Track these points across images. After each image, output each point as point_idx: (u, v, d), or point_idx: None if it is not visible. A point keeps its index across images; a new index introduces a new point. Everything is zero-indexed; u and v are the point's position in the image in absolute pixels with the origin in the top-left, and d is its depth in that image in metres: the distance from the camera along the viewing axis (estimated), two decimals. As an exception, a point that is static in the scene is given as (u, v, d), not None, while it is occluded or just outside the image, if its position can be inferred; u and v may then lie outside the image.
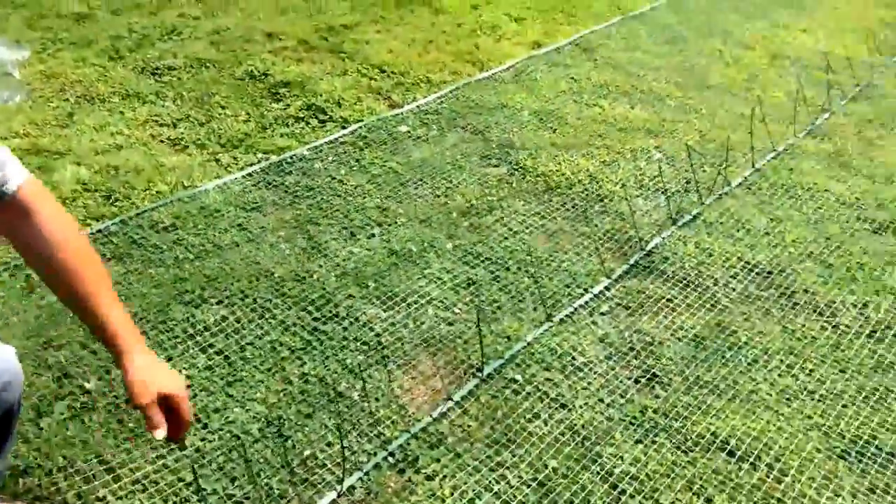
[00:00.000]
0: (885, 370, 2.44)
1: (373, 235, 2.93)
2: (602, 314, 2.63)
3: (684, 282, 2.80)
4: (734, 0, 5.83)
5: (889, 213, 3.27)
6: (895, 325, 2.64)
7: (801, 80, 4.43)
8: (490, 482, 2.00)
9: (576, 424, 2.19)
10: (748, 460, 2.09)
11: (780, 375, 2.40)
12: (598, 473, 2.04)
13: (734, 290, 2.77)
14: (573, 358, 2.43)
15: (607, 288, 2.75)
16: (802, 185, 3.45)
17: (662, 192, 3.29)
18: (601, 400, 2.28)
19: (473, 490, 1.97)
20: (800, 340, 2.54)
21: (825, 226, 3.16)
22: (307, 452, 2.06)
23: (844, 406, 2.29)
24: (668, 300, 2.71)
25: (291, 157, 3.39)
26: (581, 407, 2.25)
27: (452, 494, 1.96)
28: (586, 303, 2.67)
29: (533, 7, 5.31)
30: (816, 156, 3.70)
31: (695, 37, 5.06)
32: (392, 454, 2.06)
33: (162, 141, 3.46)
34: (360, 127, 3.66)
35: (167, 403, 1.36)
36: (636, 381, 2.35)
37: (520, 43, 4.76)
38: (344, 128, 3.66)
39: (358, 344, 2.42)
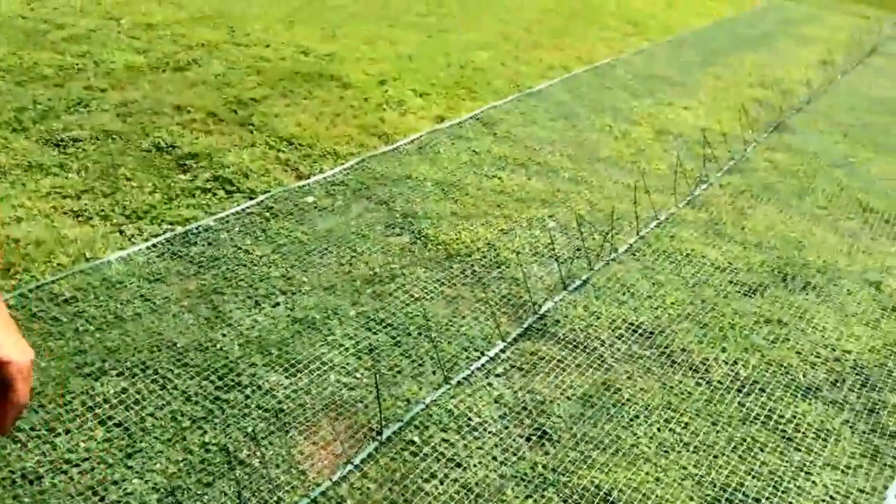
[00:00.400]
0: (751, 422, 2.66)
1: (277, 304, 3.01)
2: (497, 376, 2.77)
3: (574, 343, 2.99)
4: (624, 79, 6.28)
5: (758, 276, 3.59)
6: (762, 380, 2.89)
7: (682, 153, 4.81)
8: (387, 542, 2.07)
9: (470, 483, 2.30)
10: (628, 510, 2.25)
11: (658, 429, 2.58)
12: (490, 529, 2.15)
13: (619, 350, 2.98)
14: (469, 418, 2.55)
15: (502, 350, 2.90)
16: (682, 251, 3.74)
17: (555, 259, 3.51)
18: (495, 458, 2.40)
19: (370, 550, 2.04)
20: (677, 396, 2.75)
21: (701, 289, 3.43)
22: (206, 521, 2.09)
23: (715, 456, 2.49)
24: (558, 361, 2.88)
25: (197, 228, 3.45)
26: (475, 465, 2.36)
27: (350, 556, 2.02)
28: (483, 365, 2.81)
29: (437, 83, 5.59)
30: (695, 224, 4.02)
31: (587, 113, 5.43)
32: (291, 519, 2.12)
33: (64, 213, 3.46)
34: (267, 198, 3.77)
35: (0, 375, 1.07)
36: (528, 439, 2.49)
37: (424, 117, 4.99)
38: (251, 199, 3.75)
39: (260, 411, 2.47)
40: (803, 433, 2.64)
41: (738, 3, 10.03)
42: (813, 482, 2.43)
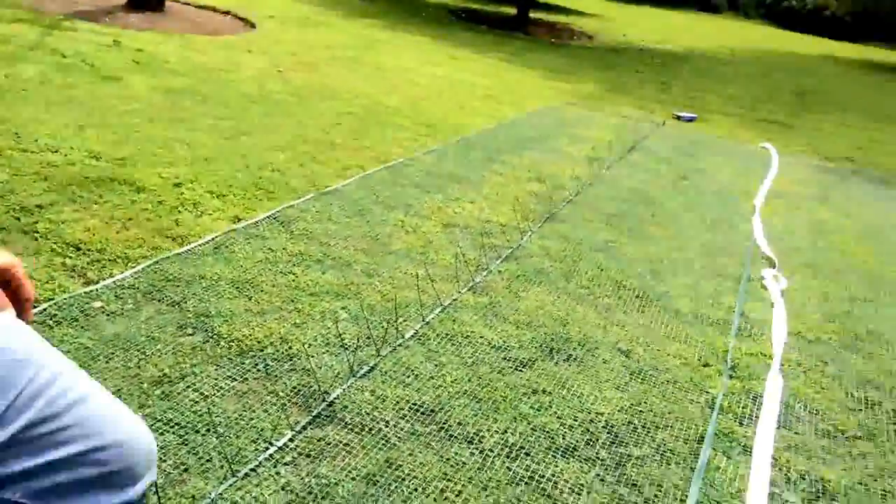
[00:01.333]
0: (517, 483, 2.98)
1: (57, 413, 2.96)
2: (285, 464, 2.90)
3: (360, 426, 3.19)
4: (415, 177, 6.78)
5: (528, 352, 4.01)
6: (527, 444, 3.23)
7: (466, 244, 5.27)
8: None
9: (254, 569, 2.39)
10: (404, 576, 2.44)
11: (434, 499, 2.82)
12: None
13: (403, 429, 3.22)
14: (255, 508, 2.65)
15: (291, 439, 3.04)
16: (462, 333, 4.10)
17: (345, 348, 3.73)
18: (279, 543, 2.51)
19: None
20: (452, 467, 3.02)
21: (478, 367, 3.79)
22: None
23: (484, 517, 2.76)
24: (345, 444, 3.06)
25: (-30, 341, 3.32)
26: (260, 552, 2.46)
27: None
28: (271, 455, 2.93)
29: (234, 185, 5.75)
30: (475, 308, 4.43)
31: (380, 209, 5.80)
32: None
33: None
34: (51, 305, 3.70)
35: (4, 279, 1.19)
36: (312, 522, 2.63)
37: (220, 218, 5.12)
38: (33, 308, 3.67)
39: (35, 524, 2.43)
40: (560, 489, 2.98)
41: (520, 107, 11.13)
42: (567, 531, 2.76)
